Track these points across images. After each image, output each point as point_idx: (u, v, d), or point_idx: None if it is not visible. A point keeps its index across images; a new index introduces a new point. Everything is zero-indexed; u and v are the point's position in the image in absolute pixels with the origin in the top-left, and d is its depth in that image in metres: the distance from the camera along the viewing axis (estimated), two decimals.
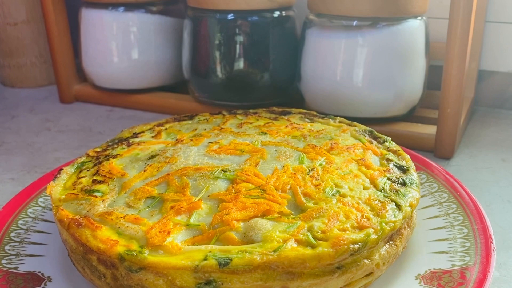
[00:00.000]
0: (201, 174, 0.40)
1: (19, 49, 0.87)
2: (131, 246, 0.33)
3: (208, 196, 0.37)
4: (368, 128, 0.49)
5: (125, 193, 0.39)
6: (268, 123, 0.51)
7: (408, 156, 0.45)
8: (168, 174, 0.40)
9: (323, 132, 0.48)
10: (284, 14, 0.68)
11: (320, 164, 0.41)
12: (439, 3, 0.72)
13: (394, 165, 0.43)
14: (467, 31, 0.53)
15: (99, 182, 0.40)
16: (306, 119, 0.52)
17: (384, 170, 0.41)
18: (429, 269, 0.37)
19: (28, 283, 0.36)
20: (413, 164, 0.44)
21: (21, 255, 0.39)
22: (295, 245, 0.32)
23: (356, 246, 0.33)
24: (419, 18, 0.60)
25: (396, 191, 0.39)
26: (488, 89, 0.75)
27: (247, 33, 0.66)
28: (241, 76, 0.68)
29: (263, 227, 0.34)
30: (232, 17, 0.66)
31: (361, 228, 0.34)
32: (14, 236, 0.41)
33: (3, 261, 0.38)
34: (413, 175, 0.42)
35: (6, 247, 0.40)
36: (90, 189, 0.40)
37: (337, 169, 0.41)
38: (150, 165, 0.42)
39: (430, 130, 0.60)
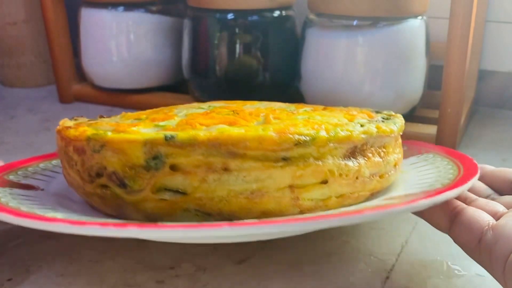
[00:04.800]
0: (190, 108, 0.42)
1: (18, 49, 0.87)
2: (99, 131, 0.36)
3: (186, 114, 0.39)
4: (380, 110, 0.47)
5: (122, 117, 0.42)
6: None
7: (400, 119, 0.43)
8: (162, 108, 0.43)
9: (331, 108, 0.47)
10: (284, 14, 0.68)
11: (305, 110, 0.41)
12: (440, 3, 0.71)
13: (381, 118, 0.41)
14: (467, 31, 0.53)
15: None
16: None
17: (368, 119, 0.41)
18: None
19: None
20: (401, 122, 0.42)
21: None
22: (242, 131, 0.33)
23: (302, 137, 0.33)
24: (420, 17, 0.60)
25: (369, 122, 0.38)
26: (489, 89, 0.75)
27: (247, 33, 0.66)
28: (241, 75, 0.68)
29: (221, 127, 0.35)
30: (232, 17, 0.66)
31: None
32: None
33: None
34: (397, 121, 0.41)
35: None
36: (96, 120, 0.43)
37: (319, 113, 0.40)
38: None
39: (430, 130, 0.60)
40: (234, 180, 0.33)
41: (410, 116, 0.64)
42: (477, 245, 0.31)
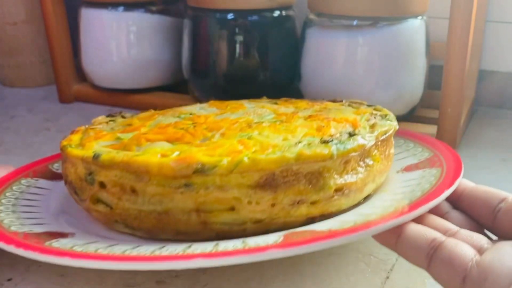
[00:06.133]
0: (172, 114, 0.45)
1: (18, 49, 0.87)
2: (67, 144, 0.39)
3: (155, 125, 0.42)
4: (386, 113, 0.45)
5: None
6: (287, 100, 0.50)
7: (385, 128, 0.40)
8: (155, 113, 0.45)
9: (332, 109, 0.45)
10: (284, 14, 0.68)
11: (272, 121, 0.41)
12: (440, 3, 0.71)
13: (348, 133, 0.38)
14: (467, 31, 0.53)
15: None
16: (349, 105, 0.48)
17: (330, 133, 0.38)
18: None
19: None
20: (373, 136, 0.38)
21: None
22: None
23: (200, 166, 0.33)
24: (420, 17, 0.60)
25: (309, 144, 0.35)
26: (489, 89, 0.75)
27: (247, 33, 0.66)
28: (240, 75, 0.68)
29: (157, 145, 0.37)
30: (232, 17, 0.66)
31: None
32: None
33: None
34: (356, 140, 0.37)
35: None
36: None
37: (283, 127, 0.39)
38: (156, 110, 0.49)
39: (430, 130, 0.60)
40: (142, 201, 0.35)
41: (410, 116, 0.64)
42: (461, 284, 0.28)
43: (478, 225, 0.34)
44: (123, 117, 0.49)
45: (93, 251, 0.31)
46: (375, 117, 0.43)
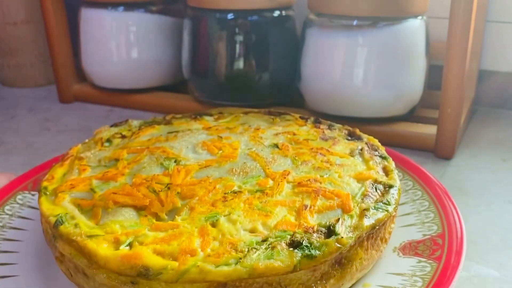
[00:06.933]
0: (158, 157, 0.42)
1: (18, 49, 0.87)
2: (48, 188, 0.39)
3: (135, 173, 0.40)
4: (392, 184, 0.40)
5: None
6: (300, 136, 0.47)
7: (372, 221, 0.35)
8: (146, 148, 0.44)
9: (332, 167, 0.41)
10: (284, 14, 0.68)
11: (254, 191, 0.38)
12: (440, 3, 0.71)
13: (328, 227, 0.34)
14: (467, 31, 0.53)
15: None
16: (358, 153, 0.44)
17: (306, 226, 0.34)
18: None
19: None
20: (353, 237, 0.33)
21: None
22: (112, 242, 0.33)
23: (143, 270, 0.31)
24: (420, 17, 0.60)
25: (272, 248, 0.32)
26: (489, 89, 0.75)
27: (247, 33, 0.66)
28: (240, 76, 0.68)
29: (121, 215, 0.35)
30: (232, 17, 0.66)
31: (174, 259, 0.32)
32: None
33: None
34: (330, 245, 0.32)
35: None
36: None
37: (261, 202, 0.36)
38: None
39: (430, 130, 0.60)
40: (92, 285, 0.33)
41: (410, 116, 0.64)
42: None
43: None
44: (123, 136, 0.48)
45: None
46: (376, 189, 0.38)
